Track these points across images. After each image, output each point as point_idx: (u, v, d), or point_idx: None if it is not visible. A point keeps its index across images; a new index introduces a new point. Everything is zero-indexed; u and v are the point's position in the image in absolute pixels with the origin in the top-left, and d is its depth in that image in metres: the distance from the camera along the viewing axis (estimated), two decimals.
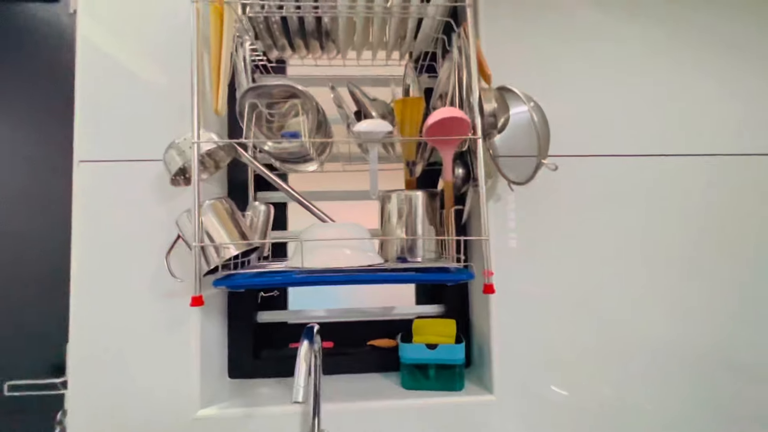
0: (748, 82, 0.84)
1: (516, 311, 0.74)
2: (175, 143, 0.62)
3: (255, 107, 0.63)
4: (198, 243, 0.57)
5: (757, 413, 0.76)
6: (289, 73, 0.92)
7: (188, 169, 0.65)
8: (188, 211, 0.61)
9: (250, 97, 0.62)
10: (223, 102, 0.62)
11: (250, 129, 0.63)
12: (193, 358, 0.68)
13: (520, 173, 0.66)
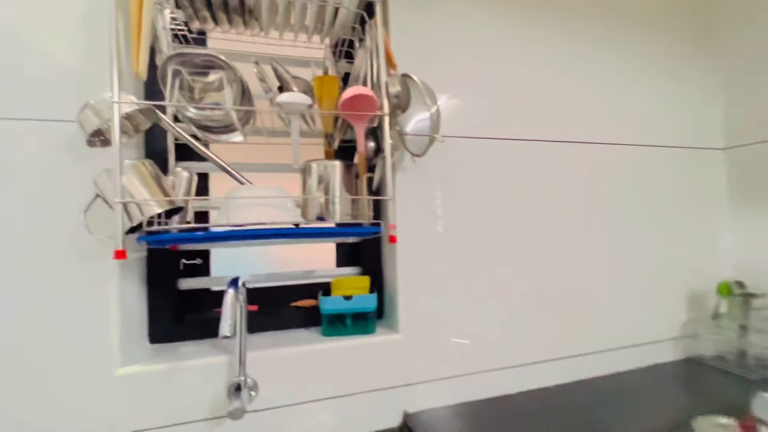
0: (633, 78, 1.10)
1: (418, 266, 0.88)
2: (90, 104, 0.62)
3: (178, 74, 0.66)
4: (120, 199, 0.59)
5: (584, 341, 1.03)
6: (210, 46, 0.94)
7: (105, 131, 0.66)
8: (107, 170, 0.62)
9: (173, 63, 0.65)
10: (144, 65, 0.64)
11: (173, 94, 0.66)
12: (113, 316, 0.69)
13: (420, 147, 0.80)
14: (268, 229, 0.65)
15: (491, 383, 0.92)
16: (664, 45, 1.17)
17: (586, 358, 1.01)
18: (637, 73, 1.13)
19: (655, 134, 1.13)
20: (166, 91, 0.66)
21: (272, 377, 0.76)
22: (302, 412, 0.78)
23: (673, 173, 1.15)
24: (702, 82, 1.21)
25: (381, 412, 0.83)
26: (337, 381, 0.80)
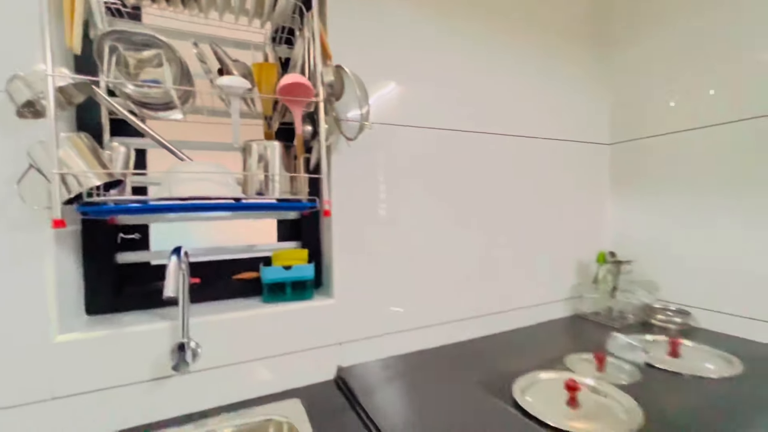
0: (542, 80, 1.26)
1: (352, 239, 0.99)
2: (20, 75, 0.63)
3: (115, 50, 0.68)
4: (58, 170, 0.61)
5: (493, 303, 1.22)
6: (144, 22, 0.94)
7: (36, 102, 0.66)
8: (42, 143, 0.64)
9: (110, 40, 0.67)
10: (78, 39, 0.65)
11: (110, 70, 0.68)
12: (49, 285, 0.71)
13: (353, 132, 0.89)
14: (209, 203, 0.71)
15: (415, 339, 1.07)
16: (570, 54, 1.37)
17: (495, 317, 1.20)
18: (547, 77, 1.32)
19: (556, 129, 1.34)
20: (103, 66, 0.68)
21: (215, 340, 0.83)
22: (245, 370, 0.86)
23: (569, 162, 1.37)
24: (596, 87, 1.44)
25: (317, 367, 0.94)
26: (277, 341, 0.89)
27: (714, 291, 1.17)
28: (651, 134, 1.34)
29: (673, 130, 1.27)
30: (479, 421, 0.73)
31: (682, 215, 1.25)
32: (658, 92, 1.31)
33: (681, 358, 0.97)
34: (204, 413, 0.80)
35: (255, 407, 0.82)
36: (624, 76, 1.42)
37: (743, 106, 1.09)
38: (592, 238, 1.43)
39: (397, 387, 0.87)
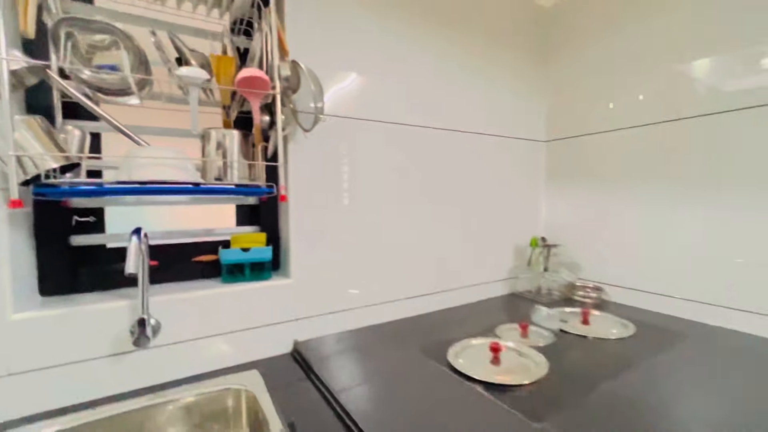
0: (488, 84, 1.37)
1: (309, 223, 1.06)
2: None
3: (71, 36, 0.70)
4: (14, 152, 0.63)
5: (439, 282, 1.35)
6: (98, 4, 0.93)
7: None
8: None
9: (66, 26, 0.68)
10: (32, 22, 0.67)
11: (66, 56, 0.70)
12: (3, 265, 0.72)
13: (309, 123, 0.96)
14: (168, 187, 0.75)
15: (367, 316, 1.17)
16: (511, 61, 1.51)
17: (440, 295, 1.33)
18: (490, 81, 1.45)
19: (499, 127, 1.48)
20: (59, 51, 0.69)
21: (175, 317, 0.88)
22: (205, 345, 0.91)
23: (509, 157, 1.53)
24: (535, 91, 1.60)
25: (275, 341, 1.01)
26: (235, 318, 0.95)
27: (622, 270, 1.37)
28: (581, 133, 1.51)
29: (600, 130, 1.45)
30: (418, 380, 0.85)
31: (602, 206, 1.44)
32: (587, 97, 1.48)
33: (590, 325, 1.15)
34: (164, 385, 0.85)
35: (215, 378, 0.88)
36: (558, 82, 1.59)
37: (657, 111, 1.27)
38: (528, 224, 1.60)
39: (348, 357, 0.96)
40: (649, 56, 1.28)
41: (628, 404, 0.73)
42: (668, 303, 1.24)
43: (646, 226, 1.30)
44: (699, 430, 0.65)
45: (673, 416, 0.69)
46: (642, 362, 0.90)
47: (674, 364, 0.90)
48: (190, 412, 0.83)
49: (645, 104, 1.30)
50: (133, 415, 0.78)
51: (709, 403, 0.74)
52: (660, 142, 1.26)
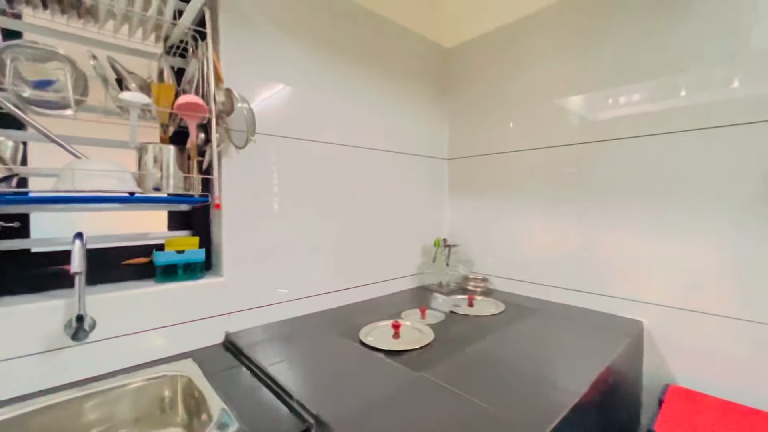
0: (399, 111, 1.62)
1: (240, 228, 1.20)
2: None
3: (15, 60, 0.77)
4: None
5: (358, 278, 1.58)
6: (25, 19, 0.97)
7: None
8: None
9: (11, 53, 0.76)
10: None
11: (10, 78, 0.77)
12: None
13: (241, 142, 1.11)
14: (112, 196, 0.85)
15: (292, 308, 1.34)
16: (419, 92, 1.81)
17: (358, 289, 1.55)
18: (402, 108, 1.72)
19: (410, 147, 1.77)
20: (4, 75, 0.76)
21: (110, 314, 0.96)
22: (140, 339, 1.00)
23: (419, 171, 1.82)
24: (438, 117, 1.93)
25: (208, 334, 1.13)
26: (169, 314, 1.06)
27: (502, 264, 1.74)
28: (474, 154, 1.86)
29: (488, 152, 1.80)
30: (334, 353, 1.05)
31: (490, 213, 1.80)
32: (478, 124, 1.84)
33: (474, 307, 1.47)
34: (101, 377, 0.93)
35: (152, 367, 0.98)
36: (456, 110, 1.94)
37: (534, 139, 1.63)
38: (434, 228, 1.91)
39: (275, 342, 1.13)
40: (529, 93, 1.63)
41: (486, 356, 1.02)
42: (530, 288, 1.62)
43: (520, 229, 1.68)
44: (528, 367, 0.96)
45: (514, 360, 0.99)
46: (502, 329, 1.22)
47: (523, 329, 1.23)
48: (128, 399, 0.92)
49: (524, 132, 1.66)
50: (69, 404, 0.85)
51: (537, 351, 1.07)
52: (537, 163, 1.62)
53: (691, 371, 1.21)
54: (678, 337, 1.24)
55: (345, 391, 0.85)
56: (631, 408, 1.20)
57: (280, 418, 0.78)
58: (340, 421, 0.72)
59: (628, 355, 1.16)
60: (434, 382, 0.87)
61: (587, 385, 0.85)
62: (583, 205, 1.46)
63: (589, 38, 1.44)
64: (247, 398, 0.85)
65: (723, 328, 1.15)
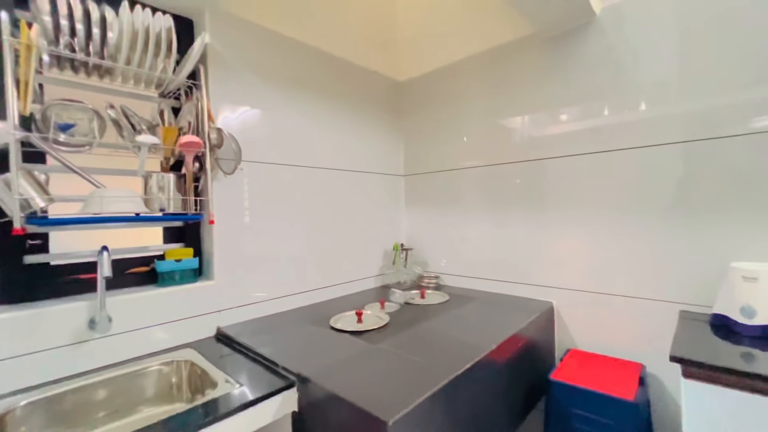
0: (358, 134, 1.92)
1: (228, 241, 1.45)
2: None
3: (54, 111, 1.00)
4: (18, 196, 0.91)
5: (328, 278, 1.85)
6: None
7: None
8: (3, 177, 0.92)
9: (54, 109, 0.99)
10: (29, 105, 0.96)
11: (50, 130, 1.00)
12: None
13: (230, 169, 1.37)
14: (129, 217, 1.09)
15: (272, 306, 1.59)
16: (377, 119, 2.14)
17: (329, 288, 1.83)
18: (361, 131, 2.04)
19: (370, 166, 2.08)
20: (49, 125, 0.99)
21: (123, 313, 1.17)
22: (147, 333, 1.22)
23: (378, 186, 2.13)
24: (394, 140, 2.26)
25: (202, 328, 1.36)
26: (171, 312, 1.28)
27: (451, 264, 2.07)
28: (425, 171, 2.20)
29: (438, 170, 2.15)
30: (308, 336, 1.31)
31: (440, 221, 2.13)
32: (429, 145, 2.18)
33: (425, 299, 1.78)
34: (118, 364, 1.14)
35: (160, 355, 1.20)
36: (409, 133, 2.28)
37: (482, 157, 1.98)
38: (392, 234, 2.22)
39: (261, 332, 1.37)
40: (467, 120, 1.99)
41: (428, 331, 1.33)
42: (472, 282, 1.97)
43: (465, 234, 2.02)
44: (458, 336, 1.27)
45: (448, 333, 1.31)
46: (444, 313, 1.54)
47: (461, 312, 1.56)
48: (143, 381, 1.14)
49: (472, 152, 1.99)
50: (95, 386, 1.06)
51: (467, 326, 1.38)
52: (481, 178, 1.95)
53: (587, 337, 1.59)
54: (578, 312, 1.61)
55: (318, 358, 1.12)
56: (543, 367, 1.55)
57: (271, 380, 1.04)
58: (315, 375, 0.99)
59: (538, 328, 1.52)
60: (385, 349, 1.17)
61: (495, 345, 1.18)
62: (511, 213, 1.83)
63: (500, 79, 1.83)
64: (242, 371, 1.10)
65: (609, 303, 1.53)
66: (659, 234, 1.40)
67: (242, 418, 0.92)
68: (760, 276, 1.08)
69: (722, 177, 1.27)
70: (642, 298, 1.45)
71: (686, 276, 1.35)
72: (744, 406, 0.88)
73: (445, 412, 0.95)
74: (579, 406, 1.23)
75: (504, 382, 1.25)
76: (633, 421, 1.14)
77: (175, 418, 0.86)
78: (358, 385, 0.94)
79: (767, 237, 1.20)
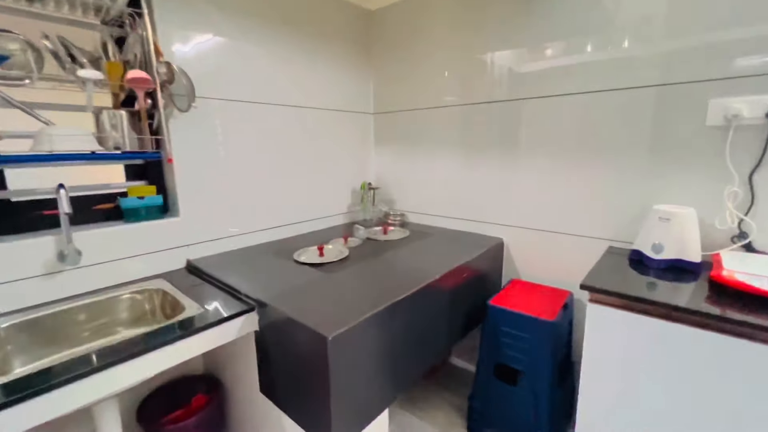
0: (327, 72, 1.85)
1: (191, 177, 1.48)
2: None
3: None
4: None
5: (300, 215, 1.93)
6: None
7: None
8: None
9: None
10: None
11: None
12: None
13: (184, 105, 1.35)
14: (82, 155, 1.10)
15: (241, 241, 1.68)
16: (345, 50, 2.05)
17: (298, 225, 1.92)
18: (329, 66, 1.97)
19: (339, 104, 2.05)
20: None
21: (92, 246, 1.24)
22: (119, 265, 1.31)
23: (347, 125, 2.13)
24: (363, 76, 2.19)
25: (172, 260, 1.46)
26: (139, 245, 1.36)
27: (415, 201, 2.17)
28: (396, 109, 2.18)
29: (409, 108, 2.13)
30: (273, 268, 1.43)
31: (408, 160, 2.18)
32: (399, 81, 2.14)
33: (387, 235, 1.91)
34: (96, 292, 1.24)
35: (134, 284, 1.30)
36: (379, 69, 2.21)
37: (454, 96, 1.96)
38: (361, 173, 2.28)
39: (228, 264, 1.48)
40: (450, 53, 1.89)
41: (382, 263, 1.46)
42: (433, 219, 2.09)
43: (429, 173, 2.09)
44: (410, 266, 1.41)
45: (401, 264, 1.44)
46: (402, 247, 1.67)
47: (417, 246, 1.69)
48: (119, 306, 1.25)
49: (445, 90, 1.94)
50: (72, 310, 1.17)
51: (420, 258, 1.52)
52: (454, 118, 1.94)
53: (529, 269, 1.77)
54: (524, 247, 1.77)
55: (277, 286, 1.24)
56: (487, 294, 1.74)
57: (234, 306, 1.16)
58: (271, 299, 1.12)
59: (487, 260, 1.68)
60: (340, 279, 1.30)
61: (439, 275, 1.32)
62: (481, 154, 1.88)
63: (477, 10, 1.75)
64: (209, 298, 1.22)
65: (552, 239, 1.67)
66: (599, 176, 1.50)
67: (210, 333, 1.06)
68: (672, 217, 1.21)
69: (661, 123, 1.34)
70: (579, 235, 1.60)
71: (617, 216, 1.48)
72: (637, 327, 1.05)
73: (385, 330, 1.10)
74: (508, 325, 1.43)
75: (447, 306, 1.43)
76: (548, 338, 1.34)
77: (153, 333, 0.99)
78: (309, 308, 1.07)
79: (687, 182, 1.31)
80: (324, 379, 0.95)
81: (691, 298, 1.02)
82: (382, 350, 1.11)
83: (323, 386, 0.96)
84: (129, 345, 0.93)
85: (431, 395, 1.85)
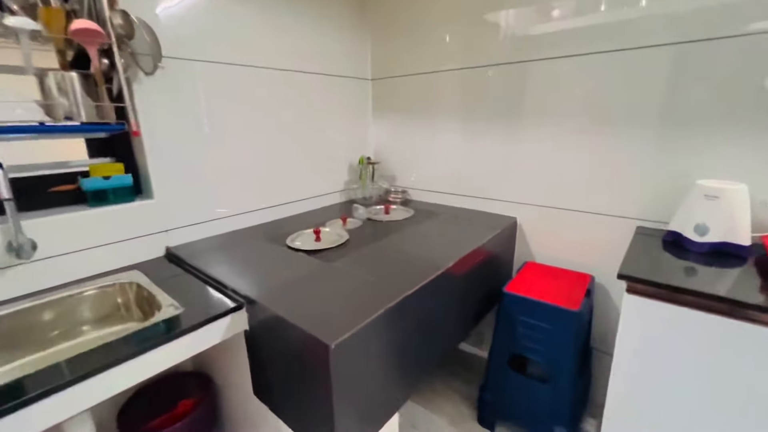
0: (321, 34, 1.61)
1: (165, 152, 1.28)
2: None
3: None
4: None
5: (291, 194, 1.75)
6: None
7: None
8: None
9: None
10: None
11: None
12: None
13: (149, 67, 1.13)
14: (25, 126, 0.90)
15: (228, 224, 1.50)
16: (340, 15, 1.79)
17: (291, 204, 1.74)
18: (324, 31, 1.72)
19: (333, 68, 1.81)
20: None
21: (51, 236, 1.06)
22: (84, 255, 1.13)
23: (343, 92, 1.90)
24: (360, 39, 1.94)
25: (148, 248, 1.28)
26: (108, 233, 1.18)
27: (419, 178, 1.99)
28: (396, 74, 1.95)
29: (411, 73, 1.90)
30: (263, 256, 1.27)
31: (410, 132, 1.98)
32: (400, 44, 1.90)
33: (389, 214, 1.74)
34: (53, 289, 1.07)
35: (105, 278, 1.13)
36: (378, 30, 1.96)
37: (459, 60, 1.71)
38: (359, 147, 2.08)
39: (214, 251, 1.31)
40: (454, 11, 1.66)
41: (386, 248, 1.30)
42: (439, 197, 1.92)
43: (434, 147, 1.90)
44: (416, 252, 1.25)
45: (406, 249, 1.29)
46: (406, 229, 1.51)
47: (423, 228, 1.53)
48: (86, 304, 1.09)
49: (450, 53, 1.72)
50: (29, 311, 1.00)
51: (427, 241, 1.37)
52: (458, 83, 1.73)
53: (545, 250, 1.63)
54: (540, 227, 1.62)
55: (269, 278, 1.08)
56: (500, 279, 1.61)
57: (219, 303, 1.00)
58: (262, 297, 0.96)
59: (500, 242, 1.53)
60: (339, 268, 1.14)
61: (450, 263, 1.17)
62: (486, 123, 1.69)
63: None
64: (192, 294, 1.06)
65: (570, 218, 1.52)
66: (625, 148, 1.33)
67: (190, 338, 0.90)
68: (721, 195, 1.05)
69: (706, 87, 1.16)
70: (601, 213, 1.44)
71: (645, 193, 1.33)
72: (678, 320, 0.92)
73: (393, 330, 0.96)
74: (526, 314, 1.30)
75: (459, 295, 1.29)
76: (571, 328, 1.22)
77: (126, 339, 0.84)
78: (306, 306, 0.91)
79: (737, 155, 1.15)
80: (326, 389, 0.82)
81: (744, 288, 0.89)
82: (390, 351, 0.97)
83: (325, 396, 0.83)
84: (100, 356, 0.78)
85: (438, 384, 1.76)
